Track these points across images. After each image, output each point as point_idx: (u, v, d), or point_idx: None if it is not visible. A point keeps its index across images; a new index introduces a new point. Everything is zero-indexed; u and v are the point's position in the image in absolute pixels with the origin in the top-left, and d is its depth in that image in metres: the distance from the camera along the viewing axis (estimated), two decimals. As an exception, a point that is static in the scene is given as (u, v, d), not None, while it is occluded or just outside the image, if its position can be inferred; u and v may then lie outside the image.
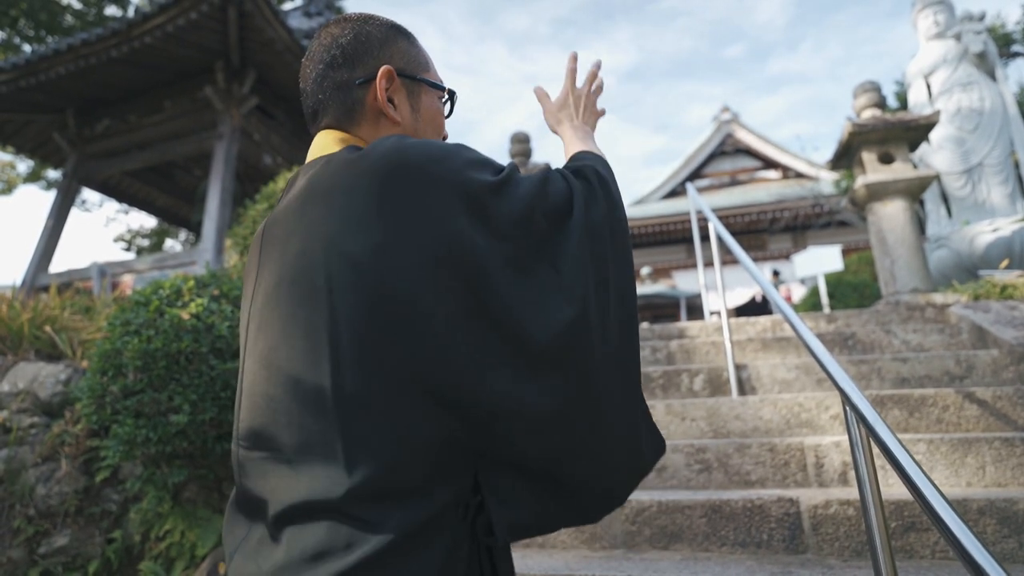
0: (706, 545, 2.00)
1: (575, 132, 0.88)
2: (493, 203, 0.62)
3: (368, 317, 0.58)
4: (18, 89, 7.23)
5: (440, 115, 0.80)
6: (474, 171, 0.63)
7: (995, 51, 5.95)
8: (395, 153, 0.61)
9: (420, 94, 0.77)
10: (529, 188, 0.66)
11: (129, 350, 2.43)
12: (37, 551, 2.63)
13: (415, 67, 0.77)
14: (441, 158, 0.62)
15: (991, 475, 2.09)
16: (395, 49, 0.76)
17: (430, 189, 0.60)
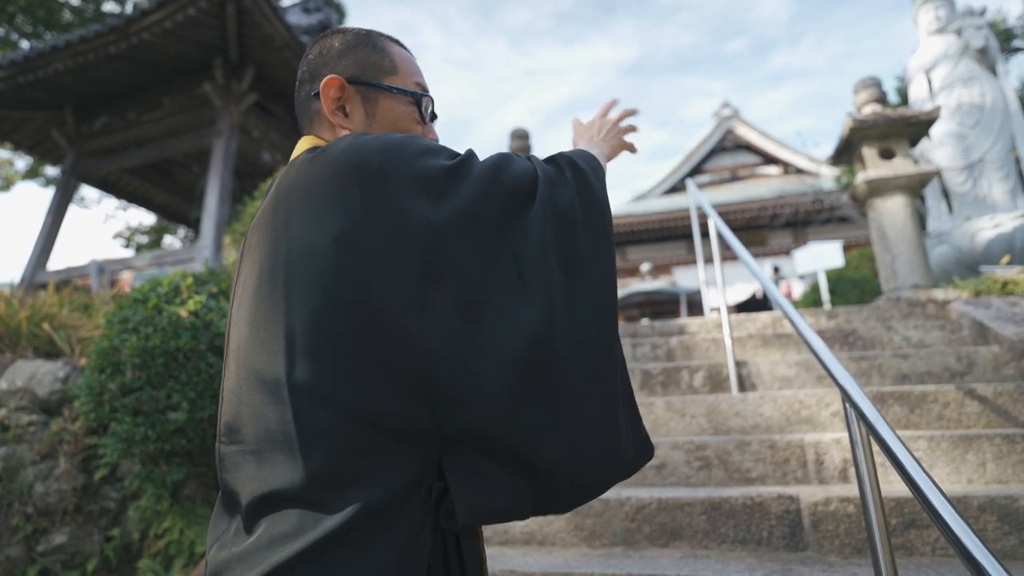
0: (706, 543, 2.00)
1: (585, 143, 0.88)
2: (448, 185, 0.62)
3: (325, 306, 0.58)
4: (16, 86, 7.21)
5: (406, 119, 0.78)
6: (427, 158, 0.64)
7: (996, 46, 5.93)
8: (350, 148, 0.63)
9: (377, 100, 0.77)
10: (487, 167, 0.66)
11: (127, 348, 2.43)
12: (36, 549, 2.63)
13: (373, 73, 0.77)
14: (393, 148, 0.63)
15: (992, 472, 2.08)
16: (352, 58, 0.78)
17: (384, 178, 0.61)
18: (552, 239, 0.64)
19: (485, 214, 0.63)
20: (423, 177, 0.62)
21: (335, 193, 0.61)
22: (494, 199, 0.64)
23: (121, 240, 14.86)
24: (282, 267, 0.61)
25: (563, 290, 0.63)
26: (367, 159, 0.61)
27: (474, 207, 0.62)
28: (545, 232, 0.64)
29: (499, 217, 0.63)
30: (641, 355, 3.60)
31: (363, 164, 0.61)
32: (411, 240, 0.59)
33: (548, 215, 0.65)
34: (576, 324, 0.63)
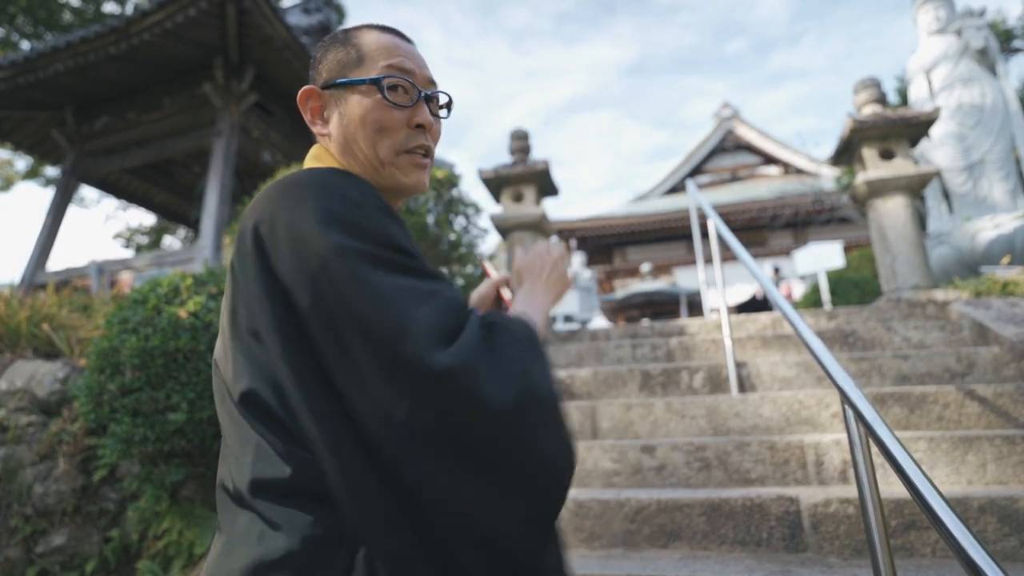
0: (705, 544, 2.00)
1: (528, 291, 0.78)
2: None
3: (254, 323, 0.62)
4: (16, 86, 7.21)
5: (377, 109, 0.73)
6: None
7: (996, 47, 5.93)
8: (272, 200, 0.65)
9: (347, 98, 0.74)
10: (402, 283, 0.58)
11: (127, 348, 2.43)
12: (35, 550, 2.62)
13: (339, 71, 0.75)
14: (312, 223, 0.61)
15: (992, 473, 2.08)
16: (325, 65, 0.76)
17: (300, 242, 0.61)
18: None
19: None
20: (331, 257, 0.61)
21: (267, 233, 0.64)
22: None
23: (121, 240, 14.87)
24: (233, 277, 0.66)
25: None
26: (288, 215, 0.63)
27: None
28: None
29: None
30: (641, 356, 3.59)
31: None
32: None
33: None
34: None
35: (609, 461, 2.46)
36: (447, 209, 4.92)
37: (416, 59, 0.77)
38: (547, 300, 0.77)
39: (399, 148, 0.74)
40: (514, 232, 4.81)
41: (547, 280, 0.80)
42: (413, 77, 0.75)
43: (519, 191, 4.88)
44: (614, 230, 17.06)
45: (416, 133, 0.75)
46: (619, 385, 3.14)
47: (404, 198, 0.82)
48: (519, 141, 4.95)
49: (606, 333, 4.25)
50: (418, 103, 0.75)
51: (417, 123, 0.74)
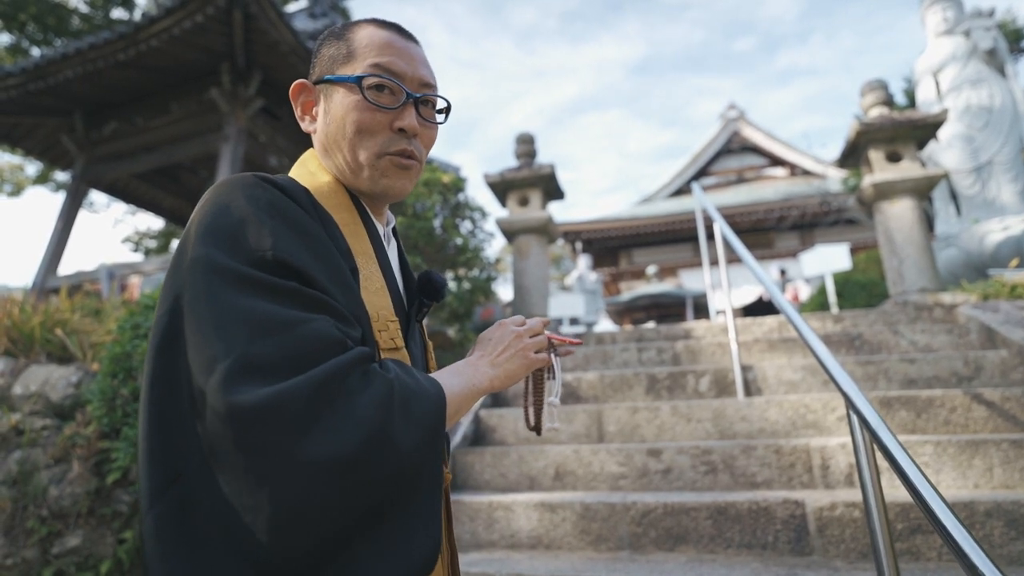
0: (711, 547, 2.01)
1: (465, 366, 0.72)
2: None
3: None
4: (27, 93, 7.30)
5: (358, 109, 0.70)
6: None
7: (1005, 47, 5.90)
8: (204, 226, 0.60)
9: (332, 95, 0.72)
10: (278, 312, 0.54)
11: (138, 353, 2.46)
12: (50, 551, 2.66)
13: (331, 66, 0.73)
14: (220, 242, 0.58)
15: (999, 477, 2.08)
16: (319, 59, 0.75)
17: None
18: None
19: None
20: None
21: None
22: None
23: (130, 244, 14.99)
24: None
25: None
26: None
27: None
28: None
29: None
30: (647, 359, 3.61)
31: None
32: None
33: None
34: None
35: (615, 464, 2.48)
36: (453, 213, 4.94)
37: (411, 59, 0.73)
38: (482, 378, 0.70)
39: (379, 151, 0.71)
40: (520, 236, 4.84)
41: (497, 359, 0.73)
42: (402, 78, 0.71)
43: (525, 195, 4.90)
44: (620, 232, 17.06)
45: (398, 137, 0.72)
46: (625, 389, 3.15)
47: (387, 203, 0.79)
48: (524, 145, 4.97)
49: (612, 336, 4.26)
50: (404, 106, 0.71)
51: (399, 127, 0.71)
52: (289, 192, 0.64)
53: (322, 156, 0.75)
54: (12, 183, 14.73)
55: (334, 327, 0.56)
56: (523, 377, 0.76)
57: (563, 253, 23.27)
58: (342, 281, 0.62)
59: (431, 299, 0.81)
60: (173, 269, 0.59)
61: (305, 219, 0.62)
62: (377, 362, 0.60)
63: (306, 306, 0.56)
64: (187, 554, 0.53)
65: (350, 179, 0.73)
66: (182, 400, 0.54)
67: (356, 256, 0.68)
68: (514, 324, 0.77)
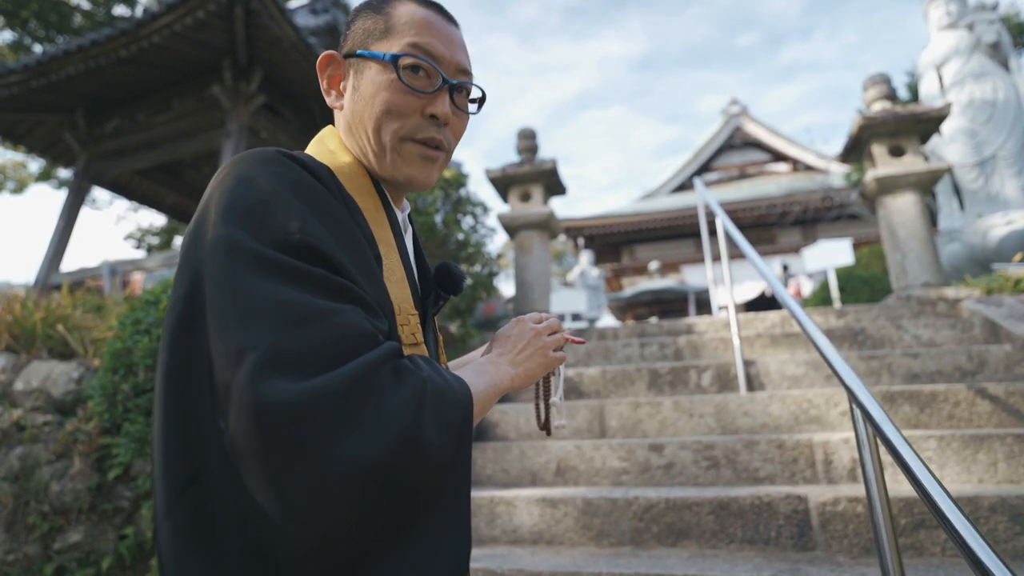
0: (714, 542, 2.00)
1: (487, 364, 0.70)
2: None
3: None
4: (29, 90, 7.30)
5: (390, 89, 0.66)
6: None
7: (1009, 41, 5.86)
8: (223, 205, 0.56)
9: (364, 70, 0.68)
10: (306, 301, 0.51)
11: (139, 349, 2.46)
12: (52, 547, 2.67)
13: (365, 41, 0.68)
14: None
15: (1003, 472, 2.06)
16: (352, 31, 0.70)
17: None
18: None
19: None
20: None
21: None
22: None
23: (132, 241, 15.03)
24: None
25: None
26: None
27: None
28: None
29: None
30: (649, 354, 3.60)
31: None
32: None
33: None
34: None
35: (617, 460, 2.47)
36: (455, 208, 4.93)
37: (450, 42, 0.69)
38: (504, 377, 0.69)
39: (405, 135, 0.67)
40: (522, 231, 4.82)
41: (516, 357, 0.72)
42: (440, 62, 0.67)
43: (526, 190, 4.89)
44: (622, 228, 17.03)
45: (428, 123, 0.68)
46: (627, 384, 3.14)
47: (408, 193, 0.75)
48: (526, 140, 4.95)
49: (614, 332, 4.25)
50: (439, 91, 0.67)
51: (431, 113, 0.67)
52: (314, 171, 0.60)
53: (345, 135, 0.71)
54: (15, 180, 14.76)
55: (364, 319, 0.54)
56: (541, 376, 0.74)
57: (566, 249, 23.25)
58: (368, 270, 0.59)
59: (449, 292, 0.77)
60: (191, 247, 0.55)
61: (331, 201, 0.59)
62: (406, 358, 0.57)
63: (335, 295, 0.53)
64: (207, 566, 0.50)
65: (372, 162, 0.69)
66: (202, 393, 0.50)
67: (379, 244, 0.65)
68: (532, 321, 0.75)
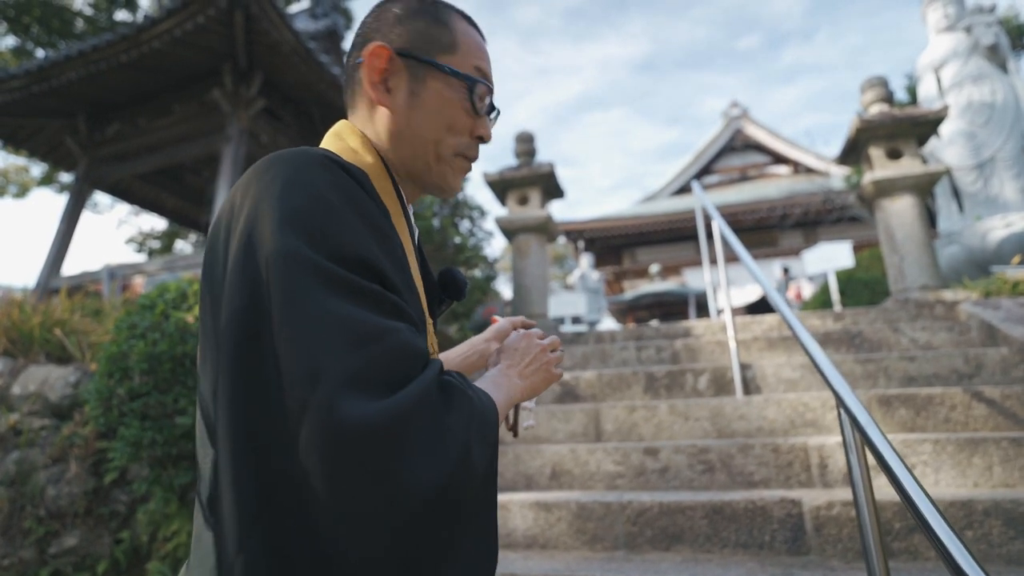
0: (707, 546, 2.00)
1: (501, 377, 0.69)
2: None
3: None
4: (31, 95, 7.34)
5: (454, 107, 0.67)
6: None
7: (1007, 43, 5.86)
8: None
9: (426, 79, 0.67)
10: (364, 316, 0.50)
11: (135, 353, 2.47)
12: (47, 551, 2.67)
13: (427, 48, 0.67)
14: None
15: (999, 475, 2.06)
16: (409, 27, 0.68)
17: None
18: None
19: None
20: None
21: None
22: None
23: (134, 245, 15.06)
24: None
25: None
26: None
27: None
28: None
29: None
30: (646, 358, 3.59)
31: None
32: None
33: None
34: None
35: (612, 463, 2.46)
36: (453, 212, 4.94)
37: (490, 66, 0.72)
38: (516, 390, 0.69)
39: (459, 151, 0.70)
40: (520, 234, 4.83)
41: (524, 371, 0.72)
42: (492, 89, 0.71)
43: (524, 194, 4.89)
44: (623, 231, 17.03)
45: (474, 142, 0.71)
46: (624, 387, 3.14)
47: (427, 194, 0.76)
48: (524, 144, 4.96)
49: (611, 335, 4.25)
50: (487, 116, 0.71)
51: (480, 135, 0.71)
52: (358, 179, 0.58)
53: (387, 135, 0.68)
54: (17, 184, 14.82)
55: (415, 337, 0.53)
56: (543, 391, 0.75)
57: (566, 252, 23.25)
58: (408, 283, 0.59)
59: (454, 298, 0.77)
60: (245, 255, 0.51)
61: (377, 213, 0.57)
62: (446, 373, 0.56)
63: (389, 312, 0.52)
64: None
65: (412, 165, 0.69)
66: (272, 411, 0.47)
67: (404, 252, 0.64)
68: (538, 337, 0.76)
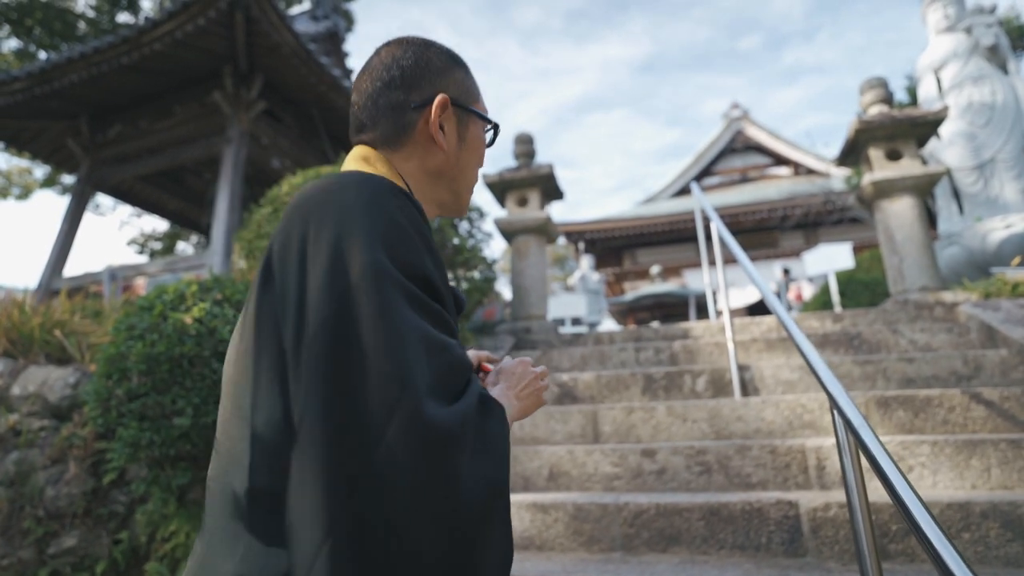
0: (704, 548, 1.99)
1: (503, 398, 0.74)
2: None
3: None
4: (33, 97, 7.36)
5: (483, 145, 0.82)
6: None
7: (1007, 44, 5.85)
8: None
9: (468, 124, 0.79)
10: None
11: (133, 354, 2.47)
12: (46, 551, 2.68)
13: (468, 97, 0.79)
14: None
15: (997, 477, 2.05)
16: (452, 79, 0.78)
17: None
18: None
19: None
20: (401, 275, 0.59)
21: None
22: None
23: (136, 246, 15.09)
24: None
25: None
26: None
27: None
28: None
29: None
30: (644, 359, 3.59)
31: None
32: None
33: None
34: None
35: (610, 465, 2.46)
36: (452, 213, 4.92)
37: None
38: (513, 409, 0.74)
39: (475, 182, 0.84)
40: (519, 236, 4.83)
41: (520, 393, 0.77)
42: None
43: (524, 195, 4.90)
44: (623, 232, 17.03)
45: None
46: (622, 389, 3.14)
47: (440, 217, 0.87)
48: (523, 145, 4.97)
49: (610, 336, 4.25)
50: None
51: (481, 166, 0.84)
52: (416, 206, 0.66)
53: (430, 173, 0.76)
54: (21, 186, 14.86)
55: (463, 351, 0.61)
56: (531, 415, 0.85)
57: (567, 253, 23.25)
58: (450, 302, 0.67)
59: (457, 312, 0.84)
60: (334, 265, 0.55)
61: (430, 236, 0.65)
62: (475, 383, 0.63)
63: (444, 328, 0.59)
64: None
65: (445, 198, 0.80)
66: (360, 410, 0.51)
67: None
68: (531, 365, 0.83)
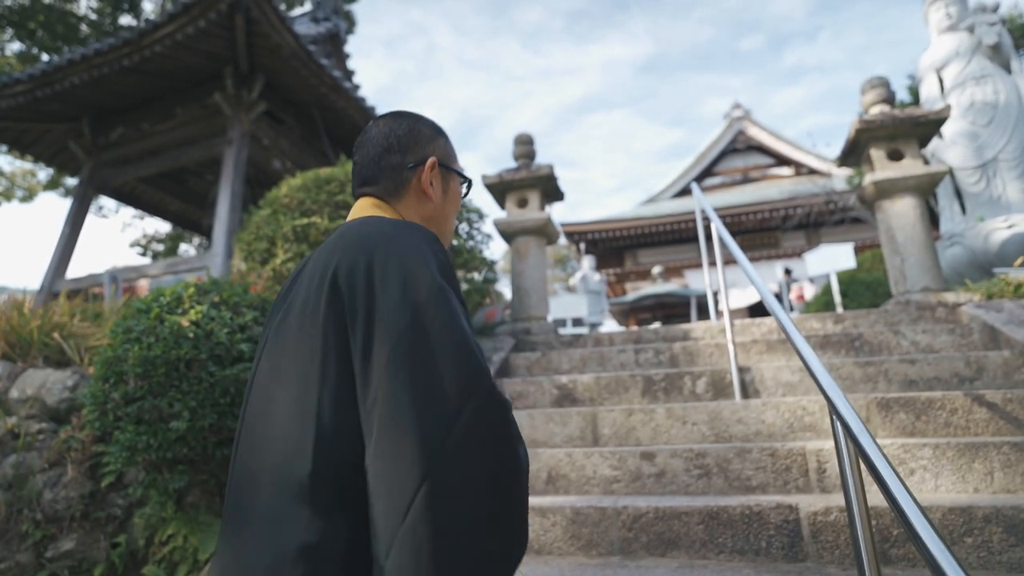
0: (703, 552, 1.98)
1: None
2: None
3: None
4: (35, 99, 7.38)
5: (459, 197, 1.01)
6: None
7: (1010, 43, 5.81)
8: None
9: (450, 180, 0.98)
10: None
11: (130, 357, 2.46)
12: (44, 555, 2.67)
13: (449, 159, 0.99)
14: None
15: (999, 481, 2.03)
16: (437, 144, 0.97)
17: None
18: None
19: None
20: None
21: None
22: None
23: (138, 248, 15.12)
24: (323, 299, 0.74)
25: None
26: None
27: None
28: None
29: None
30: (644, 361, 3.57)
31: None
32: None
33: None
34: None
35: (609, 468, 2.45)
36: (452, 215, 4.91)
37: None
38: None
39: (454, 224, 1.04)
40: (519, 237, 4.82)
41: None
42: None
43: (523, 196, 4.88)
44: (624, 232, 17.00)
45: None
46: (621, 391, 3.12)
47: None
48: (523, 146, 4.95)
49: (610, 338, 4.23)
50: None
51: (457, 212, 1.03)
52: (442, 245, 0.82)
53: (424, 219, 0.94)
54: (24, 188, 14.90)
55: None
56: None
57: (568, 254, 23.22)
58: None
59: None
60: (404, 289, 0.69)
61: (452, 266, 0.81)
62: None
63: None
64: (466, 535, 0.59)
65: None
66: (436, 396, 0.62)
67: None
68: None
